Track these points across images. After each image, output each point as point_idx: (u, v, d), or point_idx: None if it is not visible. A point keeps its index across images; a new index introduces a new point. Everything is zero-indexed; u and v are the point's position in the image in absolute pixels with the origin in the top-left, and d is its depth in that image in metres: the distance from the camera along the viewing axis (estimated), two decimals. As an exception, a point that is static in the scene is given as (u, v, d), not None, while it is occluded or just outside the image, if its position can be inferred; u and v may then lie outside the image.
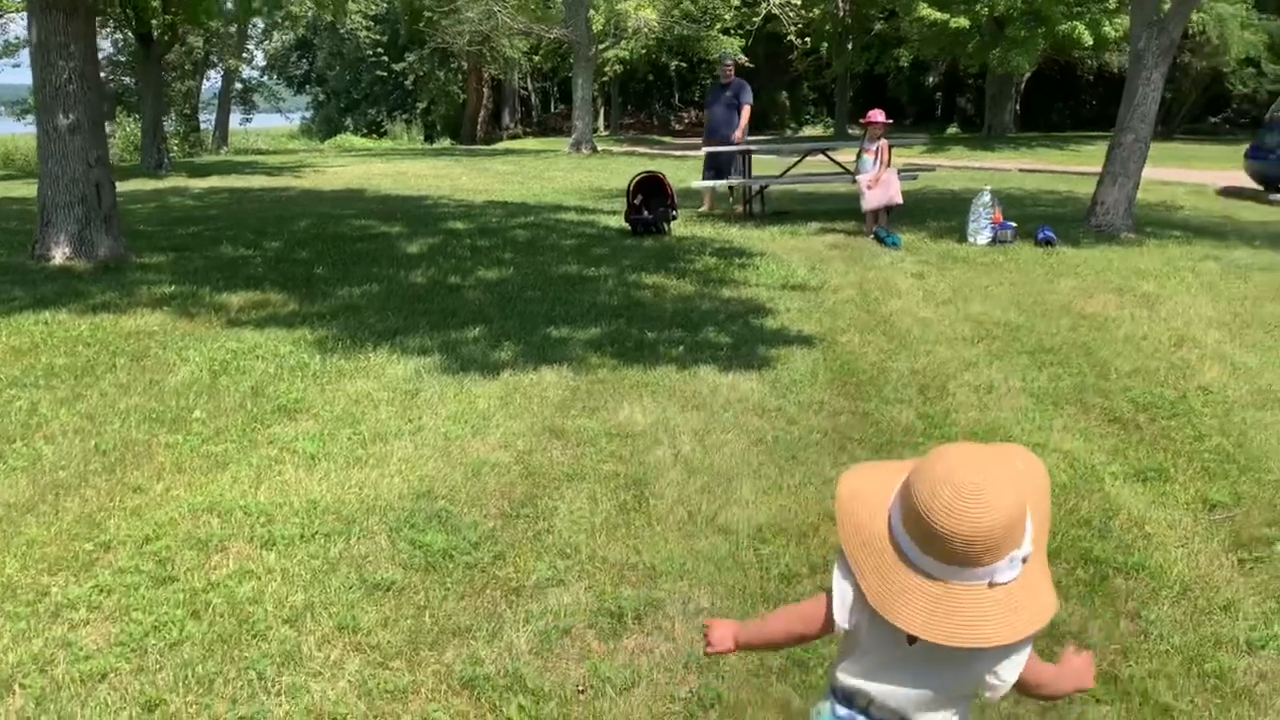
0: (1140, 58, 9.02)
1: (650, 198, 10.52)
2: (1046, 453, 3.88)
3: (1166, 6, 9.10)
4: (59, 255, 7.85)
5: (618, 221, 10.72)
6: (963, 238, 9.24)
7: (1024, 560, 1.39)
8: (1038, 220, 10.27)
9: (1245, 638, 2.57)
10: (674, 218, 10.38)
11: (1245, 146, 15.19)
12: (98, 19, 18.63)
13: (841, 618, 1.53)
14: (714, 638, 1.75)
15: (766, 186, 12.14)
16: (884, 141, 9.73)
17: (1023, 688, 1.53)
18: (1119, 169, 9.27)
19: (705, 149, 11.93)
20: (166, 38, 17.94)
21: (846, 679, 1.57)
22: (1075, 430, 4.16)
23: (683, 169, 20.29)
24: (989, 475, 1.37)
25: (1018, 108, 34.38)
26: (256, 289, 7.22)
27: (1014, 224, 9.07)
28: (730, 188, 12.17)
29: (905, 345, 5.57)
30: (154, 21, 17.42)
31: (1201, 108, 36.97)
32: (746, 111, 11.97)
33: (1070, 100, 44.04)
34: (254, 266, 8.25)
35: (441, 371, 5.09)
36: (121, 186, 16.97)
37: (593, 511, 3.37)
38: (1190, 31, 28.93)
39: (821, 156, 12.32)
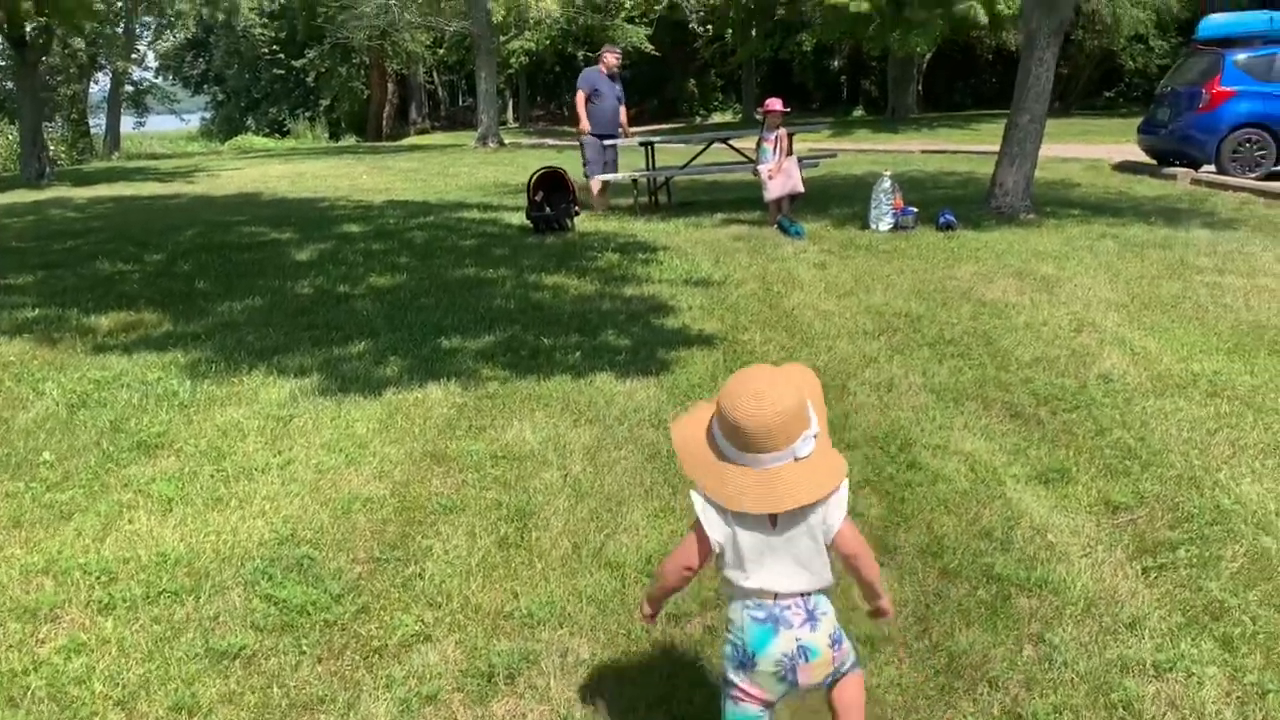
0: (1033, 39, 9.03)
1: (552, 193, 10.25)
2: (947, 455, 3.76)
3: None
4: (-89, 280, 7.30)
5: (520, 219, 10.44)
6: (865, 225, 9.17)
7: (815, 436, 1.88)
8: (939, 204, 10.26)
9: (1152, 659, 2.45)
10: (577, 213, 10.14)
11: (1139, 121, 15.50)
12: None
13: (716, 534, 1.93)
14: (645, 614, 2.18)
15: (671, 177, 11.98)
16: (783, 130, 9.62)
17: (844, 545, 1.96)
18: (1016, 150, 9.29)
19: (603, 143, 11.63)
20: (41, 41, 17.04)
21: (746, 586, 1.93)
22: (976, 429, 4.04)
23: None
24: (771, 381, 1.86)
25: (920, 89, 34.83)
26: (130, 309, 6.79)
27: (915, 209, 9.04)
28: (634, 180, 11.96)
29: (807, 341, 5.43)
30: (27, 25, 16.55)
31: (1095, 84, 37.89)
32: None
33: (971, 79, 44.88)
34: (130, 283, 7.79)
35: (319, 394, 4.79)
36: (-2, 199, 16.23)
37: (470, 550, 3.13)
38: (1082, 10, 29.60)
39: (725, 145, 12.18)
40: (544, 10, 25.50)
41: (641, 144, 12.20)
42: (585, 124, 11.72)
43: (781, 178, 9.37)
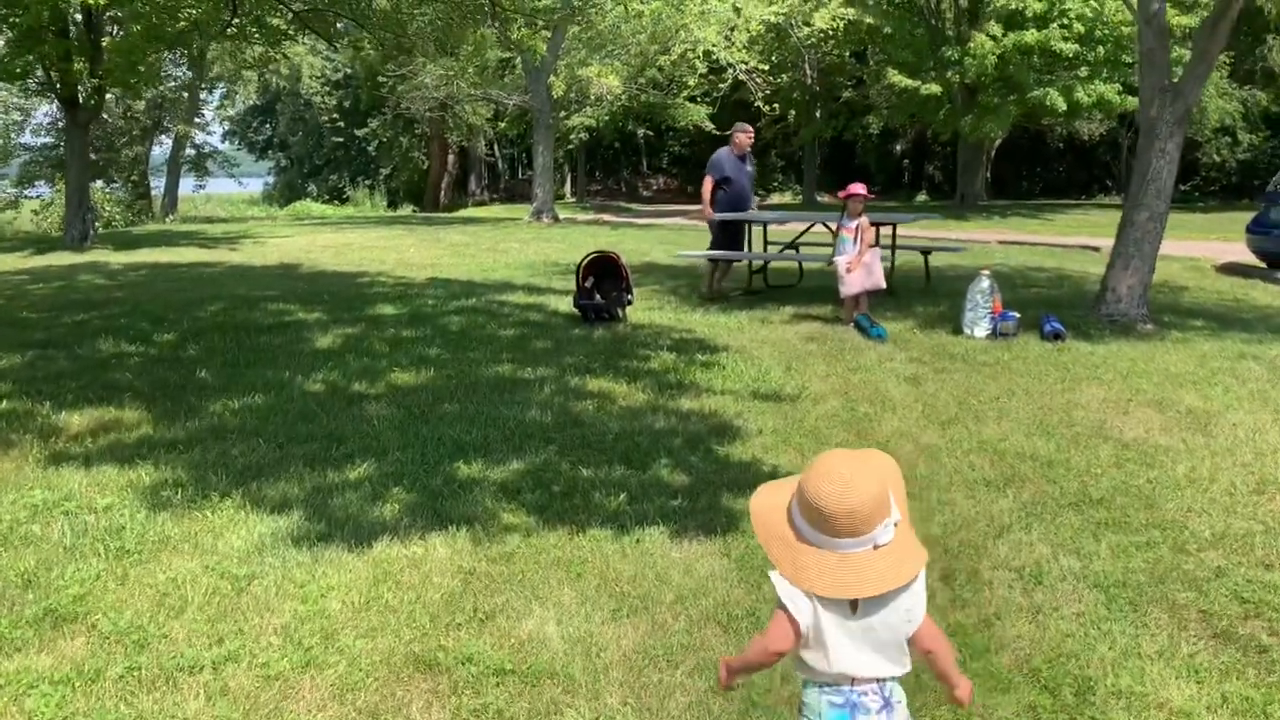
0: (1153, 127, 7.97)
1: (603, 279, 9.32)
2: (1149, 708, 2.62)
3: (1179, 71, 8.11)
4: (-120, 359, 6.49)
5: (568, 304, 9.50)
6: (957, 328, 8.08)
7: (895, 524, 1.88)
8: (1034, 305, 9.17)
9: None
10: (629, 303, 9.17)
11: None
12: (21, 84, 17.47)
13: (804, 619, 1.89)
14: (721, 676, 2.11)
15: (769, 261, 11.05)
16: (865, 218, 8.62)
17: (925, 641, 1.96)
18: (1132, 250, 8.17)
19: (724, 218, 10.77)
20: (93, 102, 16.69)
21: (826, 670, 1.92)
22: (1177, 661, 2.90)
23: (647, 240, 19.24)
24: (855, 467, 1.87)
25: (988, 175, 33.79)
26: (111, 403, 5.89)
27: (1016, 314, 7.93)
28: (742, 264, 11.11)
29: (911, 489, 4.32)
30: (79, 87, 16.21)
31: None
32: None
33: (1038, 167, 43.89)
34: (124, 369, 6.92)
35: (294, 541, 3.78)
36: (36, 262, 15.72)
37: None
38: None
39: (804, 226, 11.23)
40: (605, 87, 25.01)
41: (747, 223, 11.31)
42: (708, 210, 11.01)
43: (861, 272, 8.34)
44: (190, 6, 12.65)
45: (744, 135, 11.17)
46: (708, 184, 11.09)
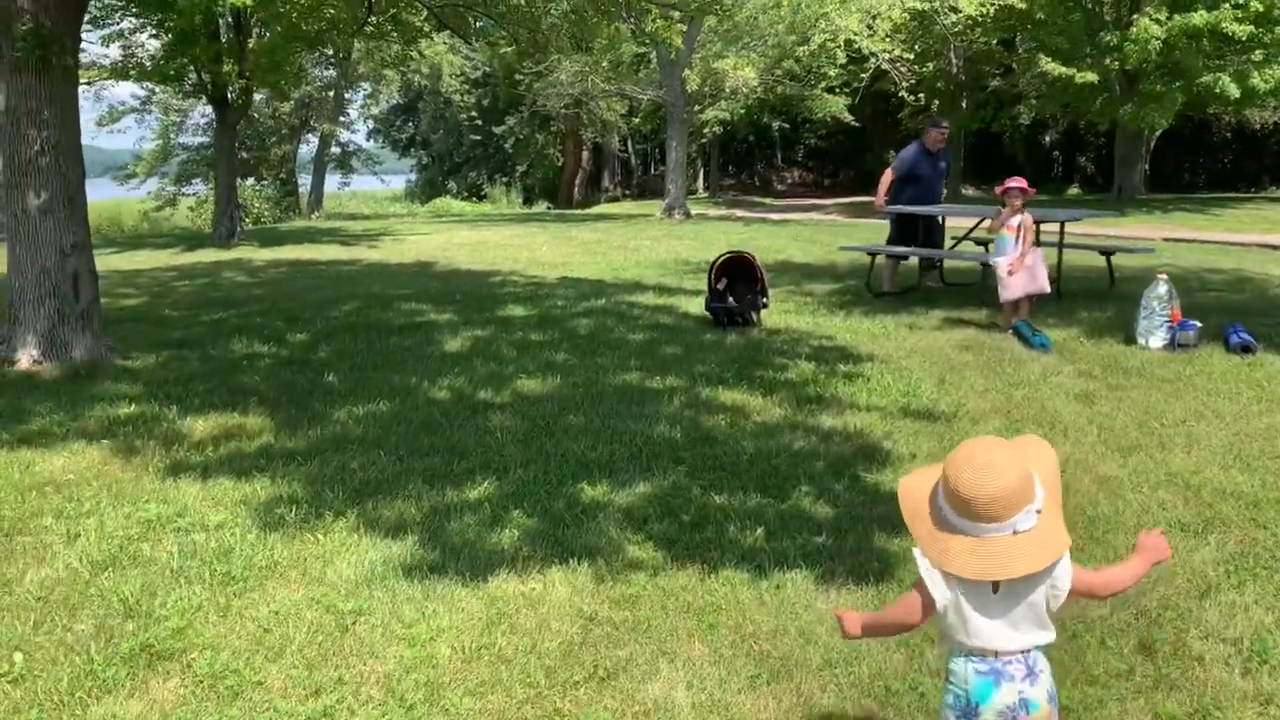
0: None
1: (736, 281, 8.90)
2: None
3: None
4: (25, 359, 6.61)
5: (700, 306, 9.12)
6: (1130, 338, 7.35)
7: (1038, 511, 1.92)
8: (1214, 312, 8.30)
9: None
10: (765, 305, 8.72)
11: None
12: (176, 85, 18.14)
13: (940, 595, 1.99)
14: (847, 625, 2.17)
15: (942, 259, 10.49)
16: (1027, 215, 7.94)
17: (1085, 593, 2.06)
18: (1336, 252, 7.26)
19: (895, 210, 10.41)
20: (240, 102, 17.18)
21: (969, 644, 2.00)
22: None
23: (781, 236, 18.68)
24: (997, 454, 1.92)
25: (1147, 168, 31.77)
26: (237, 408, 5.81)
27: (1197, 323, 7.14)
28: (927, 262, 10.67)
29: (1092, 532, 3.77)
30: (228, 88, 16.71)
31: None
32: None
33: (1202, 158, 41.18)
34: (255, 371, 6.89)
35: (407, 572, 3.52)
36: (185, 259, 16.29)
37: None
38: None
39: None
40: (741, 79, 24.48)
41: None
42: (879, 201, 10.88)
43: (1024, 275, 7.68)
44: (330, 5, 12.81)
45: (937, 131, 10.66)
46: (886, 176, 10.75)
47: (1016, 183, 7.95)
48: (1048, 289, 7.89)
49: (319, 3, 12.89)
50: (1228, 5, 22.19)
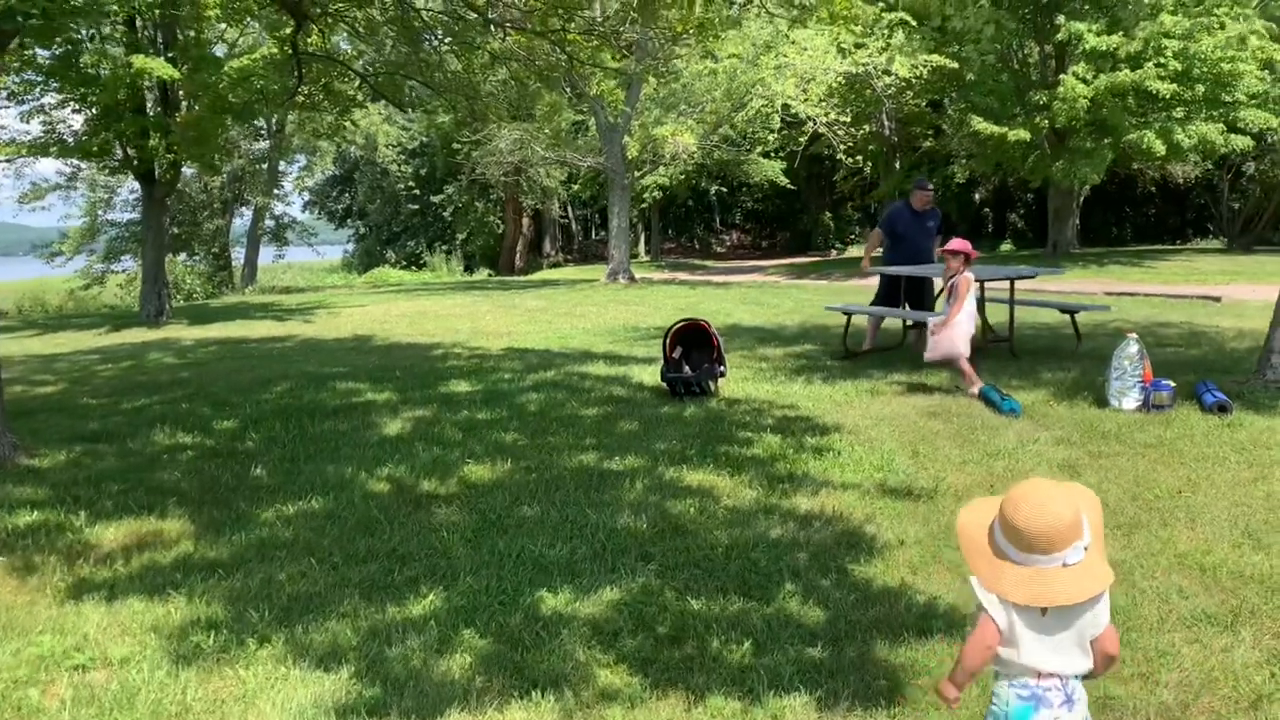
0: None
1: (691, 349, 8.55)
2: None
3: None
4: (-86, 462, 5.98)
5: (653, 375, 8.74)
6: (1100, 399, 7.10)
7: (1085, 548, 2.14)
8: (1179, 369, 8.12)
9: None
10: (723, 374, 8.37)
11: None
12: (100, 161, 17.51)
13: (1000, 619, 2.17)
14: (950, 696, 2.29)
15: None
16: (964, 276, 7.71)
17: (1105, 644, 2.23)
18: (1302, 306, 7.12)
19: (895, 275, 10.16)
20: (169, 178, 16.60)
21: (1018, 663, 2.19)
22: None
23: (728, 299, 18.44)
24: (1051, 494, 2.16)
25: (1077, 222, 32.37)
26: (154, 511, 5.24)
27: (1170, 382, 6.92)
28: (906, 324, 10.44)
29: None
30: (155, 163, 16.14)
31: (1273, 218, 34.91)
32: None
33: (1127, 211, 42.24)
34: (176, 466, 6.31)
35: (342, 714, 3.01)
36: (110, 340, 15.52)
37: None
38: (1272, 139, 27.05)
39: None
40: (682, 145, 24.49)
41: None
42: (865, 262, 11.23)
43: (943, 336, 7.51)
44: (259, 75, 12.39)
45: (922, 193, 10.68)
46: (874, 237, 10.78)
47: (957, 245, 7.73)
48: (957, 353, 7.62)
49: (247, 74, 12.48)
50: (1150, 64, 22.75)
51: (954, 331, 7.63)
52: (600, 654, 3.38)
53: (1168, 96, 23.03)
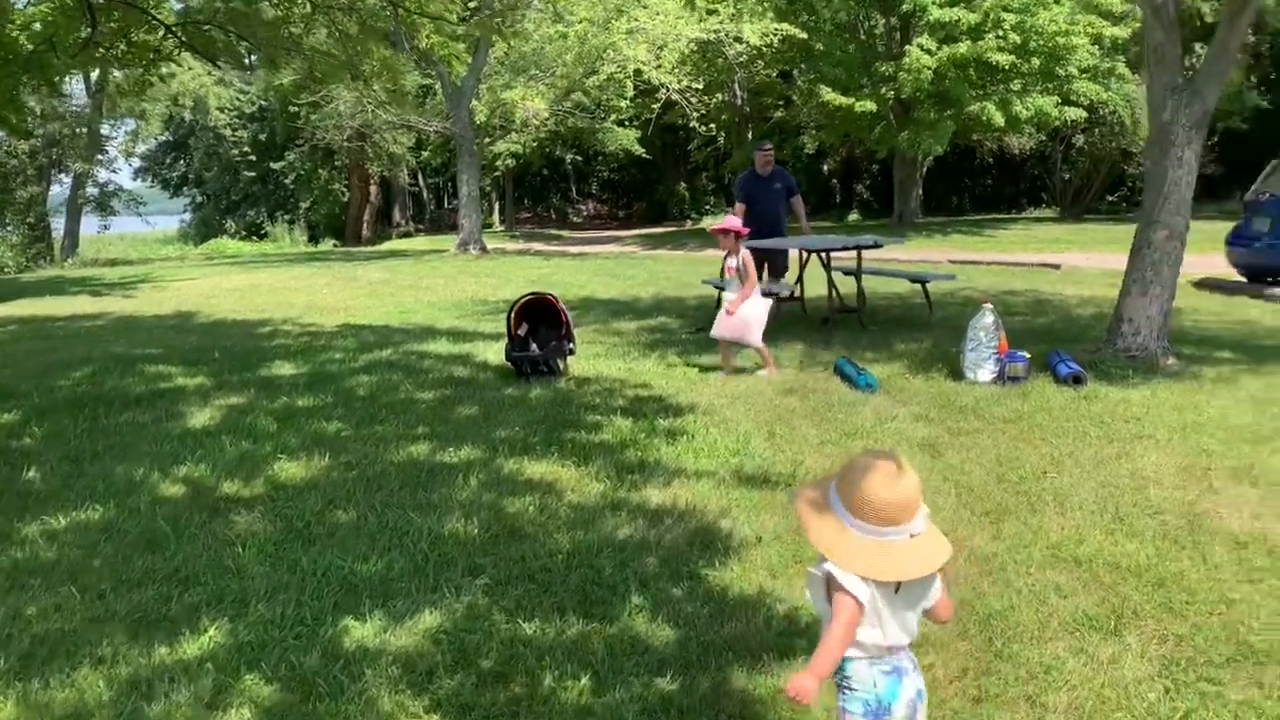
0: (1167, 133, 6.91)
1: (539, 325, 8.00)
2: None
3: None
4: None
5: (499, 353, 8.16)
6: (956, 372, 6.91)
7: (927, 515, 2.11)
8: (1031, 339, 8.08)
9: None
10: (572, 351, 7.86)
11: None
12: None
13: (865, 597, 2.06)
14: (807, 696, 2.05)
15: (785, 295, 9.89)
16: (745, 254, 7.31)
17: (947, 612, 2.24)
18: (1150, 275, 7.09)
19: (809, 245, 9.67)
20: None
21: (876, 643, 2.12)
22: None
23: (583, 271, 17.90)
24: (892, 464, 2.08)
25: (921, 193, 33.15)
26: (-115, 530, 4.39)
27: (1025, 354, 6.78)
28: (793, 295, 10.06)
29: (993, 645, 3.05)
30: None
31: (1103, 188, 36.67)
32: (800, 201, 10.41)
33: (967, 182, 43.69)
34: (-72, 471, 5.40)
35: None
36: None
37: None
38: (1102, 111, 28.17)
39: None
40: (532, 110, 23.71)
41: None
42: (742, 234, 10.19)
43: (737, 315, 7.23)
44: (48, 24, 11.03)
45: (761, 154, 10.31)
46: (738, 211, 10.15)
47: (728, 223, 7.36)
48: (749, 342, 7.35)
49: (30, 18, 11.11)
50: (991, 36, 23.24)
51: (749, 311, 7.30)
52: (411, 699, 2.84)
53: (1006, 68, 23.60)
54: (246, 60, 16.11)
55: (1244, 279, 12.12)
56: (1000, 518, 4.12)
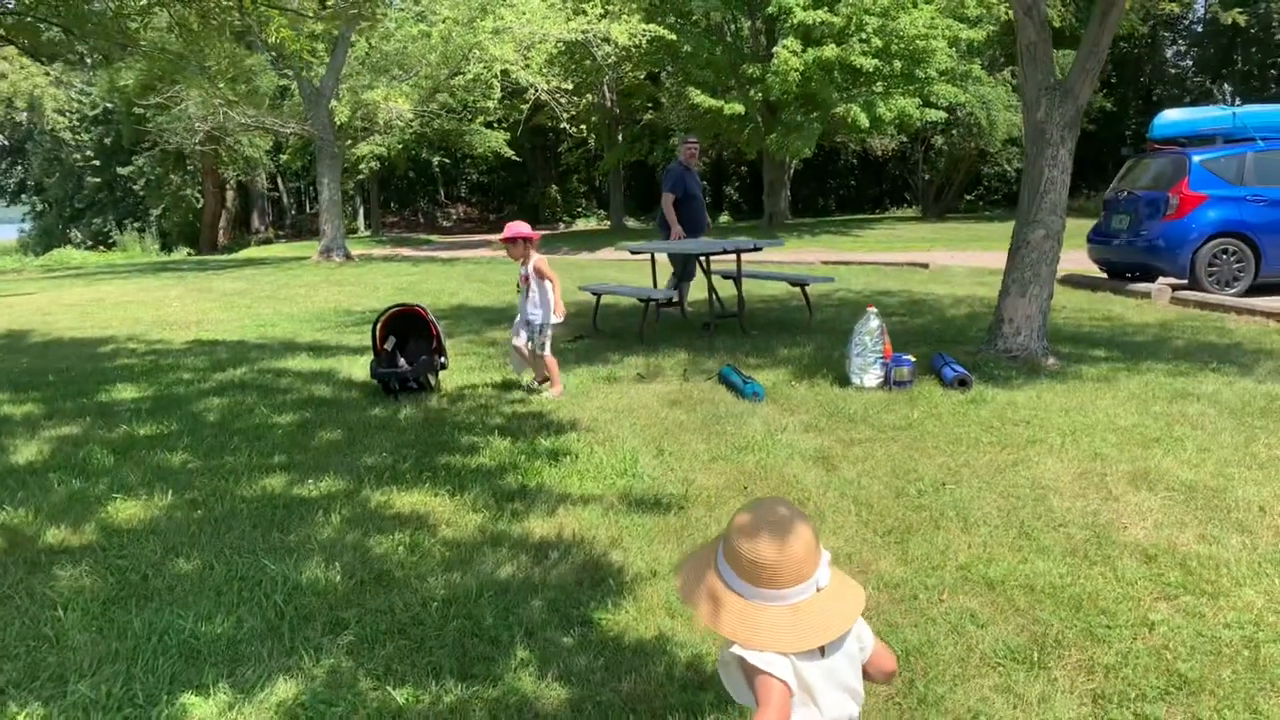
0: (1042, 132, 6.92)
1: (407, 338, 7.53)
2: None
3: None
4: None
5: (364, 369, 7.66)
6: (840, 377, 6.77)
7: (829, 563, 1.79)
8: (911, 340, 8.04)
9: None
10: (443, 366, 7.41)
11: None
12: None
13: (789, 677, 1.73)
14: None
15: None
16: (536, 260, 6.89)
17: (883, 661, 1.91)
18: (1029, 275, 7.09)
19: (687, 249, 9.23)
20: None
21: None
22: None
23: (453, 277, 17.35)
24: (779, 513, 1.77)
25: (788, 194, 33.66)
26: None
27: (911, 358, 6.67)
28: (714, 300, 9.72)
29: (915, 690, 2.80)
30: None
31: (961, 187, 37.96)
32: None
33: (832, 183, 44.69)
34: None
35: None
36: None
37: None
38: (959, 113, 29.04)
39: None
40: (396, 110, 22.95)
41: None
42: (678, 229, 9.73)
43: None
44: None
45: (687, 147, 10.09)
46: (668, 201, 9.74)
47: (513, 231, 6.93)
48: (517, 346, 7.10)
49: None
50: (854, 39, 23.64)
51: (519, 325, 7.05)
52: (259, 799, 2.41)
53: (870, 71, 24.05)
54: (81, 58, 14.96)
55: (1104, 275, 12.48)
56: (904, 537, 3.90)
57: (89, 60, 16.59)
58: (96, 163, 37.05)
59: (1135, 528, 3.91)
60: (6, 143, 42.33)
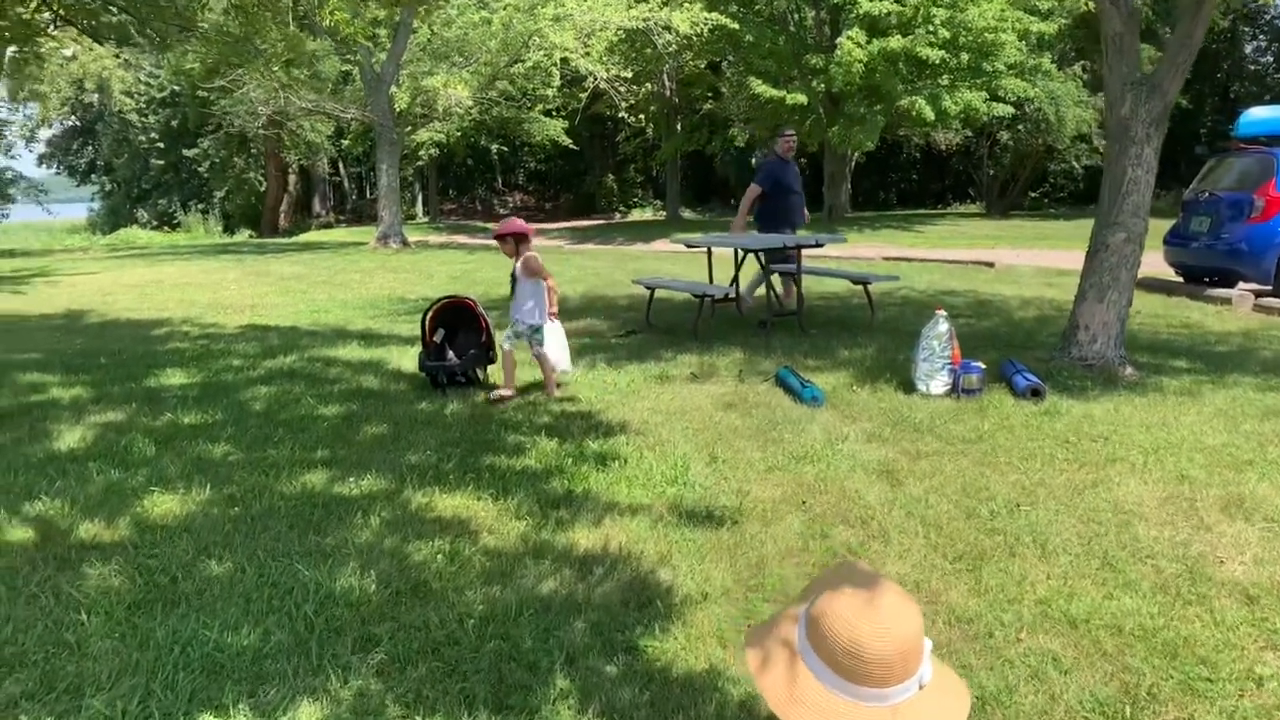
0: (1126, 129, 6.52)
1: (456, 331, 7.36)
2: None
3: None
4: None
5: (414, 360, 7.50)
6: (905, 383, 6.46)
7: (931, 653, 1.54)
8: (980, 345, 7.68)
9: None
10: (492, 360, 7.23)
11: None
12: None
13: None
14: None
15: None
16: (528, 258, 6.70)
17: None
18: (1107, 280, 6.70)
19: (743, 244, 8.93)
20: None
21: None
22: None
23: (505, 268, 17.19)
24: (881, 595, 1.47)
25: (849, 187, 33.07)
26: None
27: (981, 365, 6.34)
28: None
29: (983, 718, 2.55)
30: None
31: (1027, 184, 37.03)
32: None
33: (893, 176, 43.91)
34: None
35: None
36: None
37: None
38: (1027, 108, 28.26)
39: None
40: (455, 97, 22.88)
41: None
42: (740, 221, 9.75)
43: (554, 341, 6.71)
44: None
45: (784, 140, 9.86)
46: (752, 193, 9.66)
47: (504, 227, 6.68)
48: (563, 366, 6.83)
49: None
50: (921, 30, 23.06)
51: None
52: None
53: (936, 63, 23.46)
54: (141, 40, 15.07)
55: (1181, 279, 11.96)
56: (977, 564, 3.62)
57: (145, 44, 16.71)
58: (162, 145, 37.60)
59: (1232, 563, 3.58)
60: (78, 123, 43.09)
